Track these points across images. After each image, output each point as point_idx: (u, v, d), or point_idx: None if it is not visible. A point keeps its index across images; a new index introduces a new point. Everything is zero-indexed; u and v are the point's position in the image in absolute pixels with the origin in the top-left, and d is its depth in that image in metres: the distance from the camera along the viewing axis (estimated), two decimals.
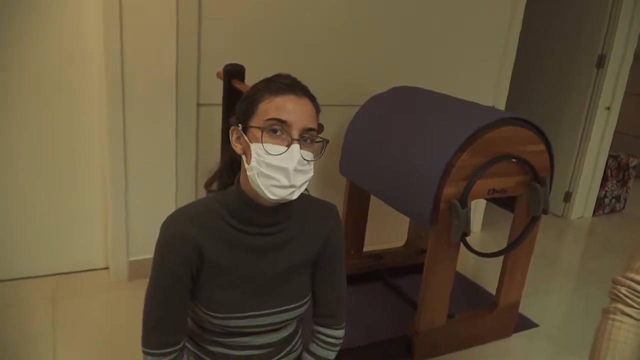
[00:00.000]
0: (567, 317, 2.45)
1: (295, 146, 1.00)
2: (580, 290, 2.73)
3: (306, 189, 1.23)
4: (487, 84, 2.98)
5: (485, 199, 1.93)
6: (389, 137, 2.06)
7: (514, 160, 1.86)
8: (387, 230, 2.90)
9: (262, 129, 1.00)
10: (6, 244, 2.28)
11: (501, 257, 2.09)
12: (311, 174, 1.05)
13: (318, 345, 1.24)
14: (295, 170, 1.00)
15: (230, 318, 1.08)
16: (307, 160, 1.03)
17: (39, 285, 2.31)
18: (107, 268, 2.46)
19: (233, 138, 1.08)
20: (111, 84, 2.11)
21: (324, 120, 1.12)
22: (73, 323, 2.06)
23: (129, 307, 2.15)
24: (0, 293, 2.22)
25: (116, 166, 2.22)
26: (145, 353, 1.08)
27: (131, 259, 2.37)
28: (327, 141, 1.08)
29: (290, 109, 1.00)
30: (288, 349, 1.21)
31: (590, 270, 2.98)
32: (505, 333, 2.21)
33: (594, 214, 3.83)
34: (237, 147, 1.07)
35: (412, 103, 2.17)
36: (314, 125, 1.04)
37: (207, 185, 1.18)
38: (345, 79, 2.58)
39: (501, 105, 3.05)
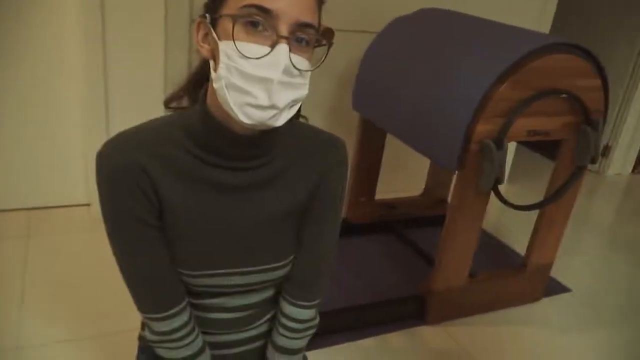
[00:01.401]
0: (602, 282, 2.18)
1: (283, 47, 0.68)
2: (616, 253, 2.44)
3: (305, 117, 0.93)
4: (530, 3, 2.59)
5: (522, 141, 1.63)
6: (414, 65, 1.74)
7: (564, 95, 1.54)
8: (402, 177, 2.61)
9: (235, 19, 0.69)
10: None
11: (533, 212, 1.80)
12: (304, 91, 0.74)
13: (277, 331, 0.94)
14: (281, 82, 0.69)
15: (195, 276, 0.83)
16: (299, 70, 0.71)
17: (12, 219, 2.08)
18: (88, 205, 2.22)
19: (199, 36, 0.77)
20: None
21: (337, 47, 0.81)
22: (47, 262, 1.84)
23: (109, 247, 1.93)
24: None
25: (94, 87, 1.93)
26: (148, 319, 0.84)
27: None
28: (331, 44, 0.77)
29: None
30: (273, 312, 0.95)
31: (627, 234, 2.68)
32: (534, 297, 1.95)
33: (633, 171, 3.47)
34: (204, 49, 0.76)
35: (442, 27, 1.83)
36: (312, 20, 0.72)
37: (168, 102, 0.87)
38: (363, 1, 2.23)
39: (545, 29, 2.67)
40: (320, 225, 0.90)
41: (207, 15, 0.74)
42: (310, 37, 0.72)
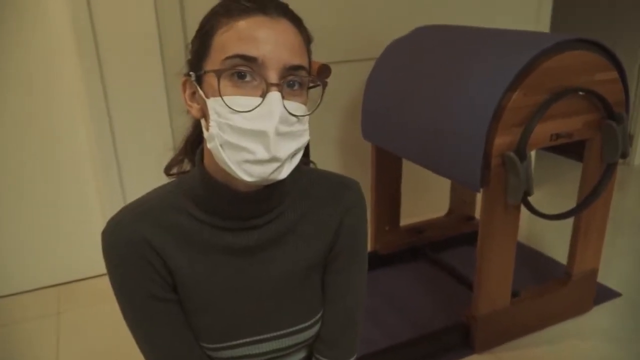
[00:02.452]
0: None
1: (274, 95, 0.64)
2: None
3: (312, 162, 0.88)
4: (524, 4, 2.52)
5: (546, 147, 1.55)
6: (419, 86, 1.69)
7: (581, 93, 1.47)
8: (424, 200, 2.53)
9: (219, 73, 0.64)
10: (4, 257, 2.02)
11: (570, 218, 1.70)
12: (305, 138, 0.69)
13: None
14: (278, 133, 0.64)
15: (219, 349, 0.76)
16: (296, 116, 0.66)
17: (42, 297, 2.05)
18: None
19: (186, 95, 0.73)
20: (87, 67, 1.80)
21: (338, 79, 0.77)
22: (78, 336, 1.80)
23: None
24: (1, 309, 1.97)
25: (106, 158, 1.92)
26: None
27: None
28: (325, 83, 0.72)
29: (261, 37, 0.64)
30: None
31: None
32: (583, 307, 1.83)
33: None
34: (193, 109, 0.72)
35: (442, 42, 1.78)
36: (302, 62, 0.67)
37: (168, 169, 0.82)
38: (358, 28, 2.20)
39: (544, 28, 2.61)
40: (346, 273, 0.83)
41: (191, 73, 0.70)
42: (303, 78, 0.68)
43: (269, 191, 0.73)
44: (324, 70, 1.04)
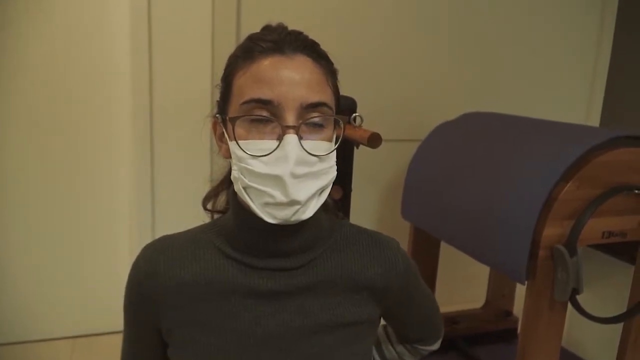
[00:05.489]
0: None
1: (290, 138, 0.62)
2: None
3: (340, 214, 0.84)
4: (575, 98, 2.53)
5: (596, 246, 1.47)
6: (465, 170, 1.66)
7: (637, 191, 1.41)
8: (459, 289, 2.43)
9: (233, 121, 0.64)
10: (25, 303, 2.00)
11: (618, 324, 1.58)
12: (330, 175, 0.67)
13: (406, 349, 0.98)
14: (295, 176, 0.62)
15: None
16: (316, 156, 0.64)
17: (57, 347, 2.01)
18: None
19: (217, 135, 0.73)
20: (140, 113, 1.86)
21: (382, 156, 0.77)
22: None
23: None
24: (14, 357, 1.94)
25: (143, 212, 1.94)
26: None
27: None
28: (347, 119, 0.73)
29: (275, 78, 0.63)
30: None
31: None
32: None
33: None
34: (222, 149, 0.72)
35: (490, 129, 1.77)
36: (321, 98, 0.65)
37: (205, 201, 0.81)
38: (406, 110, 2.23)
39: (594, 124, 2.58)
40: (413, 306, 0.89)
41: (217, 115, 0.71)
42: (325, 115, 0.65)
43: (299, 226, 0.69)
44: (375, 139, 1.03)
